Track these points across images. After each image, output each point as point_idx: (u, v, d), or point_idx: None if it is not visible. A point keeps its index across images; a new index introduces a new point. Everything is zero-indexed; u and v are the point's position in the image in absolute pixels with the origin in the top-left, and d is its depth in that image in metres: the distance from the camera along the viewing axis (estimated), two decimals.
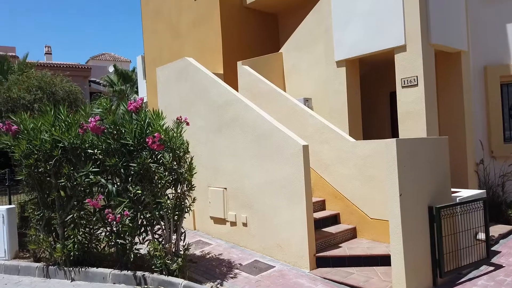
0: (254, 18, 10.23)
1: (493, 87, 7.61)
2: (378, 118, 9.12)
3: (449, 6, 6.83)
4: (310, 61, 8.25)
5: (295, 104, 7.11)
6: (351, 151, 6.14)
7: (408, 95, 6.38)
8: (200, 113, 7.03)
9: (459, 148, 7.10)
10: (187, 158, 5.06)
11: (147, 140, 4.54)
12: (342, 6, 7.21)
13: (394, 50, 6.55)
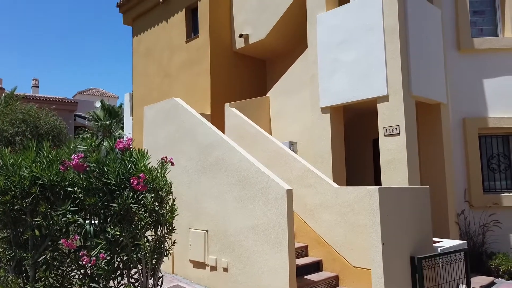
0: (242, 63, 10.53)
1: (471, 139, 7.87)
2: (361, 164, 9.25)
3: (429, 60, 7.18)
4: (296, 106, 8.45)
5: (280, 147, 7.18)
6: (335, 196, 6.16)
7: (390, 143, 6.53)
8: (185, 153, 7.02)
9: (440, 198, 7.20)
10: (169, 199, 4.98)
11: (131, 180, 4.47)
12: (328, 55, 7.51)
13: (377, 99, 6.78)
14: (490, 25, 8.47)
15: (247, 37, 9.94)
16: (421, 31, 7.02)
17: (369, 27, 6.85)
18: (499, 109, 7.94)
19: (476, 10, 8.50)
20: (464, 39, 8.01)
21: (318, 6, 7.72)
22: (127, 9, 12.61)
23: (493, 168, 8.04)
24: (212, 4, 9.94)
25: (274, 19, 9.27)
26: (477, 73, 8.03)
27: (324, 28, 7.60)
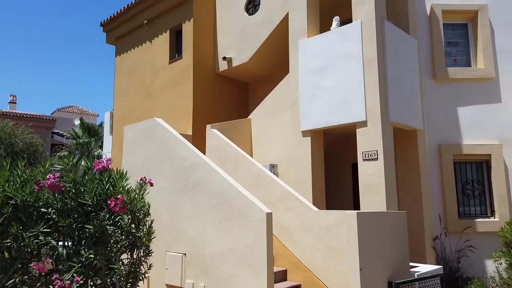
0: (225, 85, 10.63)
1: (447, 165, 8.08)
2: (341, 187, 9.34)
3: (406, 88, 7.42)
4: (278, 129, 8.53)
5: (261, 170, 7.19)
6: (314, 220, 6.16)
7: (369, 168, 6.64)
8: (164, 174, 6.95)
9: (417, 222, 7.31)
10: (147, 221, 4.89)
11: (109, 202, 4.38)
12: (309, 80, 7.67)
13: (356, 124, 6.93)
14: (463, 56, 8.85)
15: (230, 60, 10.08)
16: (399, 60, 7.28)
17: (348, 55, 7.07)
18: (473, 137, 8.22)
19: (451, 41, 8.88)
20: (439, 68, 8.33)
21: (300, 33, 7.94)
22: (111, 29, 12.64)
23: (467, 194, 8.24)
24: (197, 27, 10.08)
25: (257, 44, 9.45)
26: (452, 101, 8.33)
27: (306, 54, 7.79)
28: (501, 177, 7.97)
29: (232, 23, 10.15)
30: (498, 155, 8.05)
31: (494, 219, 7.93)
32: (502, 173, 7.98)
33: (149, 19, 11.25)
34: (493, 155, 8.06)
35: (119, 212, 4.38)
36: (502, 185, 7.95)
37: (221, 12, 10.50)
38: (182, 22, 10.35)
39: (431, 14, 8.50)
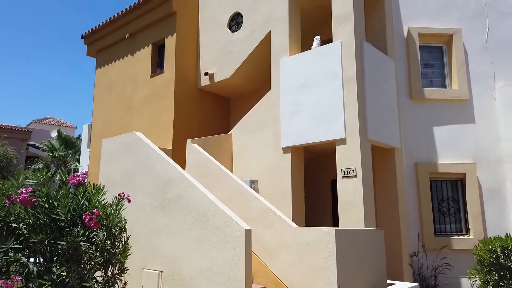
0: (207, 100, 10.64)
1: (423, 182, 8.25)
2: (320, 204, 9.38)
3: (383, 107, 7.59)
4: (258, 145, 8.55)
5: (241, 185, 7.16)
6: (293, 237, 6.14)
7: (348, 185, 6.71)
8: (142, 189, 6.83)
9: (394, 240, 7.38)
10: (123, 237, 4.77)
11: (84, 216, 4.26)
12: (290, 97, 7.76)
13: (336, 142, 7.02)
14: (439, 77, 9.16)
15: (212, 75, 10.12)
16: (377, 79, 7.46)
17: (329, 73, 7.21)
18: (448, 156, 8.44)
19: (427, 63, 9.19)
20: (415, 89, 8.58)
21: (281, 51, 8.06)
22: (92, 41, 12.54)
23: (443, 211, 8.41)
24: (179, 42, 10.12)
25: (239, 61, 9.55)
26: (428, 121, 8.56)
27: (287, 71, 7.90)
28: (475, 196, 8.18)
29: (215, 39, 10.23)
30: (472, 174, 8.27)
31: (469, 236, 8.10)
32: (476, 191, 8.19)
33: (131, 33, 11.23)
34: (467, 174, 8.28)
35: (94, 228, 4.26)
36: (476, 203, 8.15)
37: (204, 28, 10.59)
38: (164, 37, 10.37)
39: (408, 37, 8.80)
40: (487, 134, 8.51)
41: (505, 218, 8.19)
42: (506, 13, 9.02)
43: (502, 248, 3.98)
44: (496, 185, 8.30)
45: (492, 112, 8.62)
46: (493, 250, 4.01)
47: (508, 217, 8.19)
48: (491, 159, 8.40)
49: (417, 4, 8.99)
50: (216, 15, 10.32)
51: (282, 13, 8.14)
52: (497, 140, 8.47)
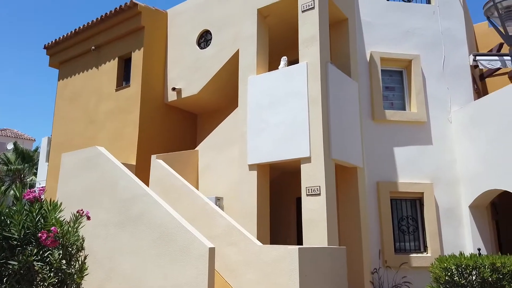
0: (174, 115, 10.56)
1: (384, 201, 8.49)
2: (285, 222, 9.42)
3: (347, 127, 7.82)
4: (224, 162, 8.53)
5: (206, 202, 7.09)
6: (258, 255, 6.13)
7: (312, 203, 6.80)
8: (103, 206, 6.62)
9: (356, 257, 7.50)
10: (80, 256, 4.58)
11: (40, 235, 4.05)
12: (257, 115, 7.84)
13: (301, 160, 7.13)
14: (399, 100, 9.56)
15: (179, 91, 10.07)
16: (341, 100, 7.70)
17: (295, 93, 7.36)
18: (408, 175, 8.75)
19: (388, 86, 9.58)
20: (377, 110, 8.91)
21: (249, 69, 8.17)
22: (55, 52, 12.20)
23: (403, 229, 8.67)
24: (147, 56, 10.04)
25: (208, 77, 9.58)
26: (389, 142, 8.88)
27: (255, 89, 8.00)
28: (432, 215, 8.50)
29: (184, 55, 10.23)
30: (429, 193, 8.61)
31: (427, 254, 8.36)
32: (433, 210, 8.52)
33: (97, 45, 11.03)
34: (425, 193, 8.61)
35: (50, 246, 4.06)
36: (433, 222, 8.46)
37: (173, 43, 10.58)
38: (131, 51, 10.26)
39: (371, 60, 9.17)
40: (444, 156, 8.93)
41: (460, 237, 8.54)
42: (460, 42, 9.63)
43: (456, 266, 4.15)
44: (452, 205, 8.67)
45: (448, 134, 9.08)
46: (448, 268, 4.17)
47: (463, 235, 8.55)
48: (448, 179, 8.80)
49: (379, 29, 9.42)
50: (185, 32, 10.36)
51: (250, 32, 8.29)
52: (452, 162, 8.90)
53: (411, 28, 9.52)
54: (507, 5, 5.32)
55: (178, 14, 10.64)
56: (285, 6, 8.08)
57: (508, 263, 4.08)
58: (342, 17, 8.54)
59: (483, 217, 8.60)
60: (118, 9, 10.30)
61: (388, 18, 9.52)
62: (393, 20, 9.52)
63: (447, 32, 9.62)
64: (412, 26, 9.53)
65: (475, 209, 8.56)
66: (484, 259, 4.14)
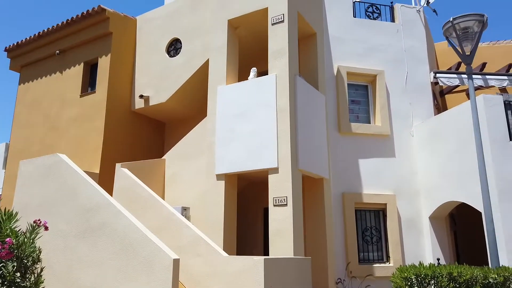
0: (141, 123, 10.36)
1: (349, 212, 8.66)
2: (252, 232, 9.40)
3: (314, 139, 7.95)
4: (192, 171, 8.44)
5: (172, 213, 6.96)
6: (224, 266, 6.06)
7: (279, 213, 6.83)
8: (63, 216, 6.35)
9: (321, 267, 7.57)
10: (36, 269, 4.36)
11: None
12: (226, 125, 7.83)
13: (268, 171, 7.16)
14: (364, 114, 9.85)
15: (147, 98, 9.92)
16: (308, 112, 7.84)
17: (263, 104, 7.43)
18: (372, 187, 9.00)
19: (354, 100, 9.87)
20: (343, 123, 9.14)
21: (219, 79, 8.18)
22: (17, 55, 11.73)
23: (367, 240, 8.86)
24: (114, 62, 9.84)
25: (177, 86, 9.50)
26: (354, 154, 9.11)
27: (224, 99, 8.00)
28: (394, 225, 8.75)
29: (152, 62, 10.11)
30: (392, 204, 8.88)
31: (389, 264, 8.58)
32: (396, 221, 8.78)
33: (61, 50, 10.71)
34: (388, 204, 8.87)
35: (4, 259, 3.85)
36: (395, 232, 8.71)
37: (142, 50, 10.43)
38: (98, 56, 10.03)
39: (338, 74, 9.43)
40: (406, 168, 9.25)
41: (421, 247, 8.83)
42: (422, 59, 10.09)
43: (416, 275, 4.27)
44: (413, 216, 8.97)
45: (410, 147, 9.43)
46: (408, 278, 4.29)
47: (423, 245, 8.85)
48: (409, 191, 9.11)
49: (346, 45, 9.72)
50: (154, 39, 10.25)
51: (221, 42, 8.32)
52: (414, 174, 9.24)
53: (377, 45, 9.89)
54: (464, 26, 5.63)
55: (147, 21, 10.53)
56: (255, 18, 8.19)
57: (464, 273, 4.25)
58: (311, 32, 8.75)
59: (442, 228, 8.95)
60: (85, 13, 10.06)
61: (355, 34, 9.85)
62: (359, 36, 9.85)
63: (410, 50, 10.06)
64: (378, 42, 9.91)
65: (435, 220, 8.90)
66: (442, 269, 4.29)
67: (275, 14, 7.72)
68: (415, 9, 10.42)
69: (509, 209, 7.01)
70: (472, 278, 4.24)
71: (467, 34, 5.65)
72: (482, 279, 4.25)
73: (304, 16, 8.30)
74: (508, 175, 7.19)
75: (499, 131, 7.41)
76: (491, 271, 4.36)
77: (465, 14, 5.60)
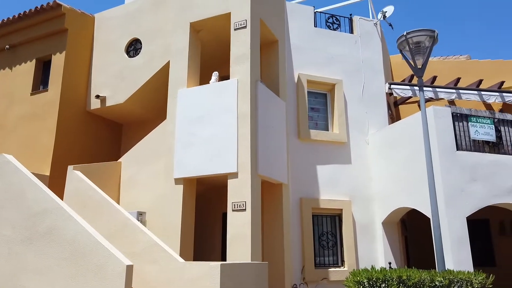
0: (96, 124, 10.00)
1: (306, 217, 8.81)
2: (210, 238, 9.30)
3: (274, 144, 8.02)
4: (149, 175, 8.24)
5: (127, 218, 6.74)
6: (180, 272, 5.94)
7: (237, 218, 6.81)
8: (9, 221, 5.98)
9: (278, 272, 7.63)
10: None
11: None
12: (186, 129, 7.72)
13: (228, 175, 7.14)
14: (323, 121, 10.09)
15: (104, 99, 9.59)
16: (269, 118, 7.91)
17: (224, 108, 7.41)
18: (329, 192, 9.21)
19: (313, 107, 10.08)
20: (303, 129, 9.30)
21: (180, 82, 8.07)
22: None
23: (323, 244, 9.04)
24: (69, 60, 9.45)
25: (135, 87, 9.26)
26: (313, 160, 9.29)
27: (184, 102, 7.90)
28: (350, 230, 9.00)
29: (111, 62, 9.80)
30: (348, 210, 9.13)
31: (344, 268, 8.80)
32: (351, 226, 9.03)
33: (12, 45, 10.14)
34: (344, 209, 9.11)
35: None
36: (350, 237, 8.96)
37: (100, 49, 10.09)
38: (52, 53, 9.58)
39: (298, 82, 9.60)
40: (361, 175, 9.56)
41: (374, 251, 9.14)
42: (378, 70, 10.51)
43: (368, 279, 4.41)
44: (367, 221, 9.27)
45: (365, 155, 9.76)
46: (361, 282, 4.42)
47: (376, 250, 9.15)
48: (364, 197, 9.41)
49: (307, 53, 9.93)
50: (113, 38, 9.95)
51: (182, 45, 8.22)
52: (369, 180, 9.56)
53: (336, 55, 10.19)
54: (416, 41, 5.93)
55: (106, 20, 10.21)
56: (218, 23, 8.18)
57: (413, 276, 4.44)
58: (273, 39, 8.86)
59: (394, 232, 9.32)
60: (39, 8, 9.59)
61: (315, 44, 10.09)
62: (320, 46, 10.11)
63: (367, 61, 10.45)
64: (337, 53, 10.21)
65: (387, 225, 9.25)
66: (392, 273, 4.46)
67: (237, 19, 7.75)
68: (373, 22, 10.85)
69: (455, 215, 7.42)
70: (420, 281, 4.43)
71: (419, 48, 5.95)
72: (429, 282, 4.46)
73: (267, 23, 8.39)
74: (455, 183, 7.62)
75: (447, 141, 7.84)
76: (437, 275, 4.58)
77: (418, 29, 5.90)
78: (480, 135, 8.10)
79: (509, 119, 8.47)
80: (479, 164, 7.84)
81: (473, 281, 4.56)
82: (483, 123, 8.21)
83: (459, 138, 7.98)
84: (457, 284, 4.49)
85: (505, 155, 8.10)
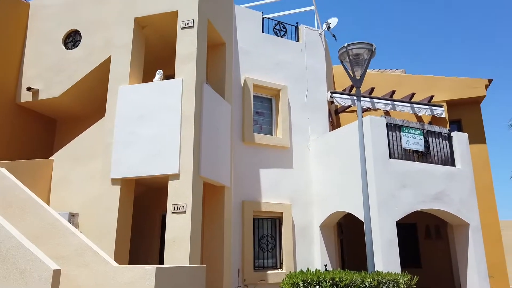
0: (27, 118, 9.32)
1: (248, 220, 8.85)
2: (148, 241, 9.01)
3: (217, 146, 7.98)
4: (84, 175, 7.81)
5: (56, 219, 6.31)
6: (113, 277, 5.67)
7: (177, 221, 6.67)
8: None
9: (217, 276, 7.58)
10: None
11: None
12: (126, 127, 7.43)
13: (169, 176, 6.97)
14: (268, 125, 10.23)
15: (37, 91, 8.96)
16: (213, 120, 7.86)
17: (168, 108, 7.24)
18: (271, 196, 9.33)
19: (259, 111, 10.19)
20: (247, 133, 9.36)
21: (121, 78, 7.76)
22: None
23: (263, 247, 9.14)
24: None
25: (72, 81, 8.76)
26: (256, 163, 9.37)
27: (125, 100, 7.60)
28: (289, 233, 9.19)
29: (45, 53, 9.18)
30: (288, 213, 9.32)
31: (282, 271, 8.95)
32: (290, 229, 9.23)
33: None
34: (284, 213, 9.29)
35: None
36: (289, 240, 9.15)
37: (33, 39, 9.42)
38: None
39: (244, 86, 9.66)
40: (302, 179, 9.81)
41: (312, 254, 9.41)
42: (321, 79, 10.88)
43: (303, 281, 4.52)
44: (306, 224, 9.53)
45: (307, 160, 10.04)
46: (296, 284, 4.52)
47: (313, 252, 9.44)
48: (304, 201, 9.67)
49: (254, 58, 10.02)
50: (49, 28, 9.33)
51: (125, 41, 7.92)
52: (309, 185, 9.84)
53: (282, 61, 10.40)
54: (356, 53, 6.23)
55: (42, 8, 9.56)
56: (164, 20, 7.99)
57: (345, 278, 4.63)
58: (220, 41, 8.83)
59: (330, 235, 9.66)
60: None
61: (262, 49, 10.22)
62: (266, 51, 10.25)
63: (311, 69, 10.78)
64: (283, 59, 10.42)
65: (324, 229, 9.57)
66: (326, 275, 4.62)
67: (184, 18, 7.63)
68: (317, 32, 11.23)
69: (386, 220, 7.87)
70: (351, 283, 4.63)
71: (358, 60, 6.25)
72: (359, 283, 4.67)
73: (214, 24, 8.35)
74: (387, 189, 8.08)
75: (381, 149, 8.30)
76: (367, 276, 4.82)
77: (357, 42, 6.20)
78: (410, 144, 8.68)
79: (436, 131, 9.18)
80: (409, 172, 8.39)
81: (399, 282, 4.86)
82: (414, 133, 8.81)
83: (392, 146, 8.49)
84: (385, 285, 4.76)
85: (432, 164, 8.76)
